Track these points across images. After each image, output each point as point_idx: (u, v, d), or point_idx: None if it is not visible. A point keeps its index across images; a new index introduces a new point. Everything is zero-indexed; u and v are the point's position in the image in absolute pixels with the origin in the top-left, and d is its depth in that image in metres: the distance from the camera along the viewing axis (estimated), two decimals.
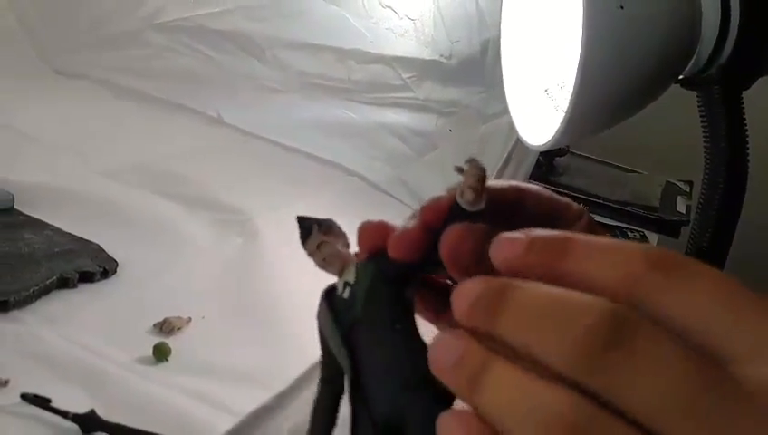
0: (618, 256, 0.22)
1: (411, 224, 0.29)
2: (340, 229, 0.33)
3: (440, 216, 0.28)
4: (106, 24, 1.17)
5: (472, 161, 0.27)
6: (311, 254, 0.32)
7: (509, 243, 0.24)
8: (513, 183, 0.33)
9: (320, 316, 0.30)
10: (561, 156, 1.28)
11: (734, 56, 0.65)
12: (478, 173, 0.27)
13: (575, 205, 0.35)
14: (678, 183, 1.26)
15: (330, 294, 0.30)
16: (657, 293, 0.21)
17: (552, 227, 0.25)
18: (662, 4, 0.60)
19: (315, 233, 0.32)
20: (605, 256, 0.22)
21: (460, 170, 0.27)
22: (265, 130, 1.08)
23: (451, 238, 0.27)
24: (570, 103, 0.61)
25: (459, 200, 0.27)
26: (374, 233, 0.30)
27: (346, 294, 0.29)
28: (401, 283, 0.29)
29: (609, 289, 0.22)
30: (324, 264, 0.31)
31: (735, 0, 0.64)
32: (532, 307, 0.22)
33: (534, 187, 0.34)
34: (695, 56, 0.66)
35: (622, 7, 0.57)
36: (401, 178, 1.01)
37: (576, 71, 0.59)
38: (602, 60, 0.59)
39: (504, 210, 0.32)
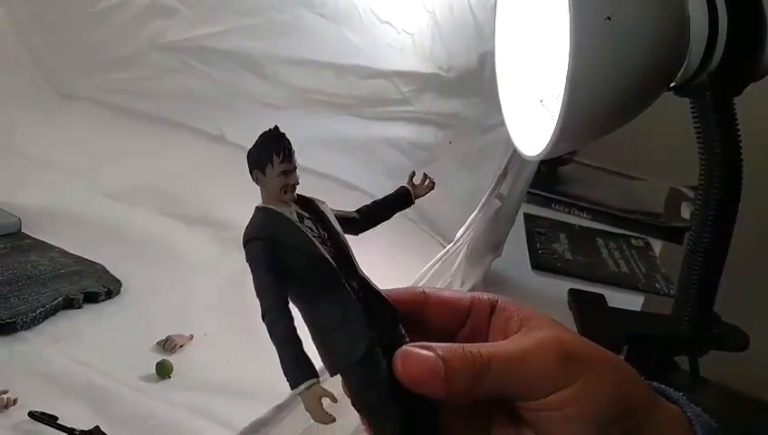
0: None
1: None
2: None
3: None
4: (109, 47, 1.18)
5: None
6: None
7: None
8: (417, 290, 0.37)
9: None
10: (564, 165, 1.29)
11: (723, 63, 0.66)
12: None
13: (482, 296, 0.37)
14: (683, 189, 1.26)
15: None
16: None
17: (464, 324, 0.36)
18: (649, 15, 0.61)
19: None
20: None
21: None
22: None
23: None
24: (560, 114, 0.62)
25: None
26: None
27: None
28: None
29: None
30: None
31: (723, 8, 0.65)
32: None
33: (437, 292, 0.37)
34: (685, 64, 0.67)
35: (609, 18, 0.58)
36: None
37: (565, 81, 0.60)
38: (591, 71, 0.59)
39: (412, 319, 0.36)
